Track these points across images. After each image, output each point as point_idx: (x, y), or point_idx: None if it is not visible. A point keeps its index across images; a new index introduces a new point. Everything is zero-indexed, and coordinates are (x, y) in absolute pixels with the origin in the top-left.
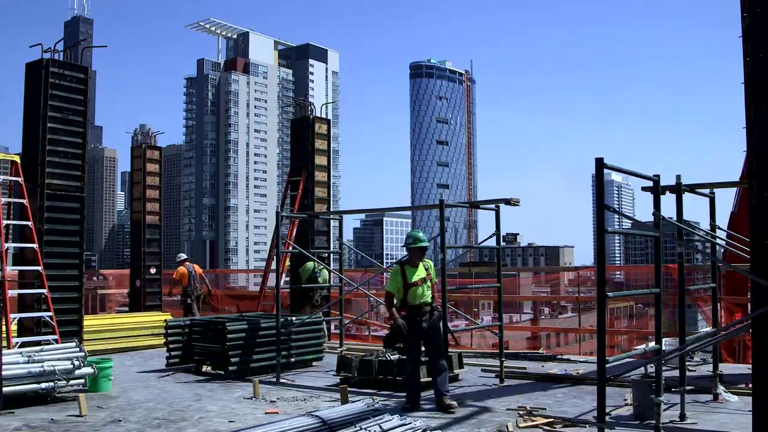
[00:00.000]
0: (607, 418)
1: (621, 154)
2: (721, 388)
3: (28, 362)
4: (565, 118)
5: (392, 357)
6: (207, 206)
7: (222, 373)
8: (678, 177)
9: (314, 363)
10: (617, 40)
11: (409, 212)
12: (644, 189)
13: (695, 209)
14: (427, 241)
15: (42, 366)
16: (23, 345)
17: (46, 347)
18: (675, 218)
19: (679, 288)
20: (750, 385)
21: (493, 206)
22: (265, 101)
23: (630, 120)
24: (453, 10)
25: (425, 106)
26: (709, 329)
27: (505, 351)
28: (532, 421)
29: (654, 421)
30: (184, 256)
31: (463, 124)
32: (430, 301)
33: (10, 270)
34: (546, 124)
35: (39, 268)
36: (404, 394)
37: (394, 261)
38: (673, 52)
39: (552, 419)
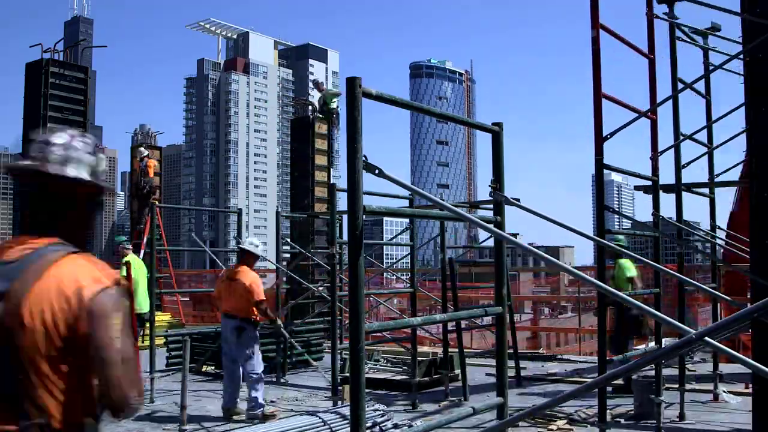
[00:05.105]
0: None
1: (621, 151)
2: (721, 388)
3: None
4: (565, 117)
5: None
6: (207, 206)
7: (222, 373)
8: (678, 177)
9: (314, 363)
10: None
11: None
12: (637, 188)
13: (695, 209)
14: None
15: None
16: None
17: None
18: (675, 218)
19: (678, 288)
20: (750, 386)
21: (492, 206)
22: (265, 101)
23: (629, 116)
24: (453, 10)
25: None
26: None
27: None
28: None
29: (654, 421)
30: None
31: None
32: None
33: None
34: (546, 124)
35: None
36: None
37: (394, 261)
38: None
39: (552, 419)
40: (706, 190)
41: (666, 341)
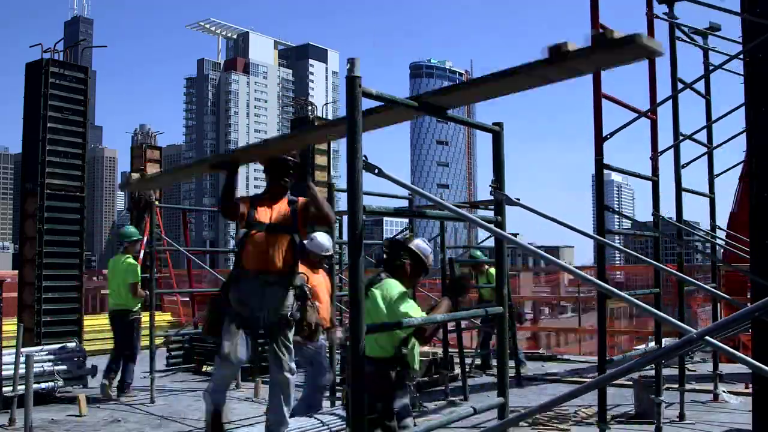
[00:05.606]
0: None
1: (621, 151)
2: (721, 388)
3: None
4: (565, 117)
5: None
6: (207, 206)
7: None
8: (677, 177)
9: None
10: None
11: None
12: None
13: (695, 209)
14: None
15: (42, 366)
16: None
17: (45, 347)
18: (675, 218)
19: (678, 288)
20: (750, 386)
21: (492, 206)
22: (265, 101)
23: (629, 116)
24: (453, 10)
25: None
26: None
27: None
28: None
29: (654, 421)
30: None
31: None
32: None
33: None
34: (546, 124)
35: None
36: None
37: None
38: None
39: (552, 419)
40: (706, 190)
41: (666, 341)
